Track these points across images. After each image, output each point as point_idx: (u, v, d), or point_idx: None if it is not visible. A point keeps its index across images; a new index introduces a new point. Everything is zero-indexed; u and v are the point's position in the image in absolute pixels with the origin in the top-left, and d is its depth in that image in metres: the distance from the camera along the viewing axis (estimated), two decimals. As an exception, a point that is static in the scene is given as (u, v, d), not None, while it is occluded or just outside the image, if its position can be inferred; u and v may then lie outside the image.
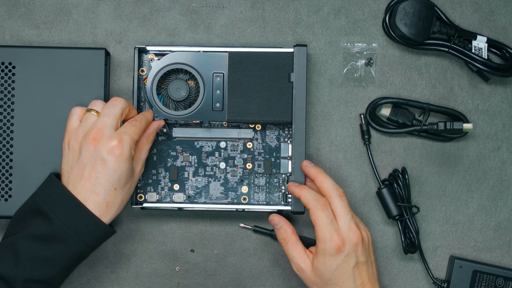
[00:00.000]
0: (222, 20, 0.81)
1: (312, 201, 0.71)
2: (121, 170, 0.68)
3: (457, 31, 0.79)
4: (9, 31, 0.80)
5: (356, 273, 0.70)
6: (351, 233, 0.70)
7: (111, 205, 0.69)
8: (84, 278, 0.80)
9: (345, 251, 0.70)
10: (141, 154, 0.73)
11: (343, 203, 0.71)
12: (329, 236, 0.70)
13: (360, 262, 0.71)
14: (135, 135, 0.70)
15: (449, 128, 0.76)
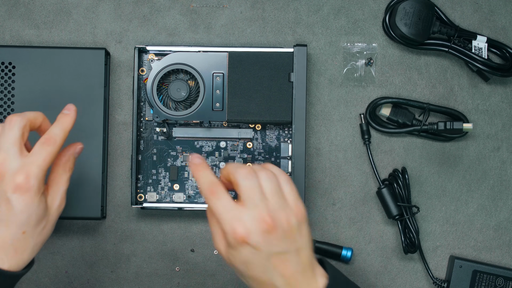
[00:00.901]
0: (222, 20, 0.81)
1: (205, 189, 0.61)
2: (30, 211, 0.59)
3: (457, 31, 0.79)
4: (9, 31, 0.80)
5: (274, 263, 0.59)
6: (258, 223, 0.59)
7: (21, 250, 0.60)
8: (84, 278, 0.80)
9: (252, 244, 0.58)
10: (58, 187, 0.63)
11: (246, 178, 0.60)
12: (229, 227, 0.59)
13: (276, 253, 0.59)
14: (46, 163, 0.60)
15: (449, 128, 0.76)
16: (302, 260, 0.61)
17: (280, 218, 0.60)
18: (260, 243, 0.59)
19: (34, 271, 0.80)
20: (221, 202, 0.60)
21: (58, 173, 0.64)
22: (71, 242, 0.80)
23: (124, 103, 0.80)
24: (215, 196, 0.60)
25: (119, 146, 0.80)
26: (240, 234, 0.58)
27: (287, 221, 0.60)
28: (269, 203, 0.60)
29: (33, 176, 0.59)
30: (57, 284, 0.80)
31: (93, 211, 0.76)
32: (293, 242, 0.60)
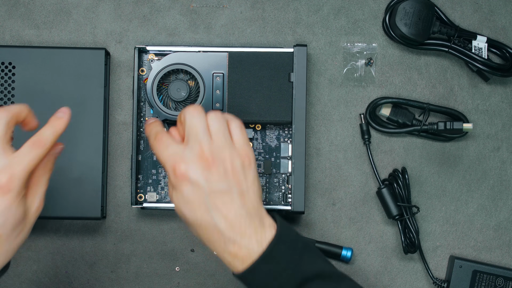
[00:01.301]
0: (222, 20, 0.81)
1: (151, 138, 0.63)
2: (8, 214, 0.56)
3: (457, 31, 0.79)
4: (9, 31, 0.80)
5: (215, 203, 0.59)
6: (197, 159, 0.59)
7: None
8: (84, 278, 0.80)
9: (191, 179, 0.58)
10: (38, 188, 0.60)
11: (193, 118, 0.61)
12: (169, 165, 0.59)
13: (218, 190, 0.59)
14: (32, 165, 0.58)
15: (449, 128, 0.76)
16: (246, 205, 0.60)
17: (223, 157, 0.59)
18: (200, 179, 0.58)
19: (34, 271, 0.80)
20: (163, 144, 0.61)
21: (38, 175, 0.60)
22: (71, 242, 0.80)
23: (124, 103, 0.80)
24: (158, 141, 0.62)
25: (119, 146, 0.80)
26: (180, 170, 0.59)
27: (230, 160, 0.60)
28: (212, 142, 0.60)
29: (17, 178, 0.56)
30: (57, 284, 0.80)
31: (93, 211, 0.76)
32: (236, 184, 0.60)
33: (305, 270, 0.60)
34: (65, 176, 0.75)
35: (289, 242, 0.61)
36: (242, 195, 0.60)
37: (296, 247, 0.61)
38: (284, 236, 0.61)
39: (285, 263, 0.60)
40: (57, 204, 0.76)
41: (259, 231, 0.60)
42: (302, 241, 0.62)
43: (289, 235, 0.61)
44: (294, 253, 0.60)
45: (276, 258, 0.60)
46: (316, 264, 0.62)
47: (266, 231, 0.60)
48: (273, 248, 0.60)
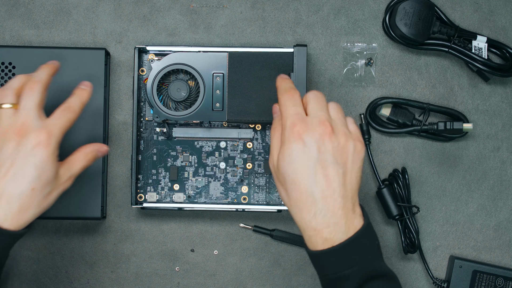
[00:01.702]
0: (222, 20, 0.81)
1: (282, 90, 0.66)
2: (44, 168, 0.62)
3: (457, 31, 0.79)
4: (9, 31, 0.80)
5: (319, 172, 0.60)
6: (318, 125, 0.61)
7: (26, 207, 0.62)
8: (84, 278, 0.80)
9: (306, 141, 0.61)
10: (72, 166, 0.67)
11: (318, 98, 0.64)
12: (290, 121, 0.62)
13: (326, 161, 0.60)
14: (66, 127, 0.65)
15: (449, 128, 0.76)
16: (346, 186, 0.61)
17: (340, 132, 0.62)
18: (314, 144, 0.60)
19: (34, 271, 0.80)
20: (293, 100, 0.63)
21: (77, 157, 0.67)
22: (71, 242, 0.80)
23: (124, 103, 0.80)
24: (290, 96, 0.64)
25: (119, 146, 0.80)
26: (298, 129, 0.61)
27: (345, 139, 0.62)
28: (332, 120, 0.63)
29: (54, 136, 0.63)
30: (57, 284, 0.80)
31: (93, 211, 0.76)
32: (343, 162, 0.61)
33: (377, 267, 0.62)
34: (65, 176, 0.75)
35: (371, 237, 0.63)
36: (345, 175, 0.61)
37: (374, 243, 0.63)
38: (369, 230, 0.62)
39: (363, 255, 0.61)
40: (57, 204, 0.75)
41: (350, 216, 0.61)
42: (378, 240, 0.64)
43: (372, 231, 0.63)
44: (372, 249, 0.62)
45: (357, 248, 0.61)
46: (384, 264, 0.64)
47: (356, 219, 0.61)
48: (358, 239, 0.60)
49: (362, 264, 0.61)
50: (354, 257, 0.60)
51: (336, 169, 0.61)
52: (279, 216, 0.80)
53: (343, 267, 0.60)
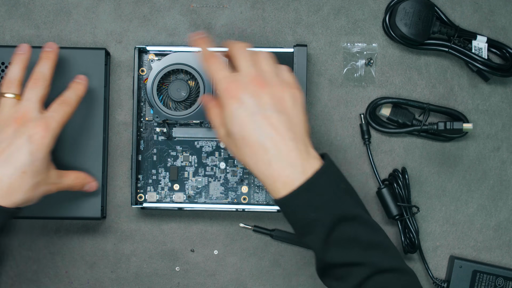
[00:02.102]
0: (222, 20, 0.81)
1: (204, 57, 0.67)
2: (38, 156, 0.65)
3: (457, 31, 0.79)
4: (9, 31, 0.80)
5: (263, 122, 0.61)
6: (250, 82, 0.63)
7: (14, 190, 0.64)
8: (84, 278, 0.80)
9: (242, 99, 0.62)
10: (63, 177, 0.71)
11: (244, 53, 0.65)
12: (222, 86, 0.63)
13: (266, 111, 0.62)
14: (63, 120, 0.68)
15: (449, 128, 0.76)
16: (293, 131, 0.62)
17: (273, 83, 0.63)
18: (250, 99, 0.62)
19: (34, 271, 0.80)
20: (219, 65, 0.65)
21: (69, 174, 0.72)
22: (71, 242, 0.80)
23: (124, 103, 0.80)
24: (213, 61, 0.65)
25: (119, 146, 0.80)
26: (232, 90, 0.62)
27: (280, 88, 0.63)
28: (263, 73, 0.64)
29: (52, 129, 0.66)
30: (57, 284, 0.80)
31: (93, 211, 0.76)
32: (284, 110, 0.62)
33: (345, 209, 0.62)
34: (65, 176, 0.75)
35: (334, 178, 0.63)
36: (290, 121, 0.62)
37: (339, 185, 0.63)
38: (330, 171, 0.63)
39: (327, 196, 0.61)
40: (57, 204, 0.76)
41: (304, 157, 0.62)
42: (345, 183, 0.64)
43: (335, 173, 0.63)
44: (337, 190, 0.62)
45: (319, 189, 0.61)
46: (356, 207, 0.63)
47: (312, 161, 0.62)
48: (318, 179, 0.61)
49: (328, 206, 0.61)
50: (318, 199, 0.61)
51: (278, 117, 0.62)
52: (279, 216, 0.80)
53: (309, 210, 0.61)
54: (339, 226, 0.61)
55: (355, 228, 0.61)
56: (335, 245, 0.61)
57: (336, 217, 0.61)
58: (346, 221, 0.61)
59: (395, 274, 0.62)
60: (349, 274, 0.61)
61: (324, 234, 0.61)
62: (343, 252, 0.61)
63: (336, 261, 0.62)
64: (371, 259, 0.61)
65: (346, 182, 0.64)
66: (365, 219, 0.63)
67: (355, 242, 0.61)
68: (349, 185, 0.64)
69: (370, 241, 0.62)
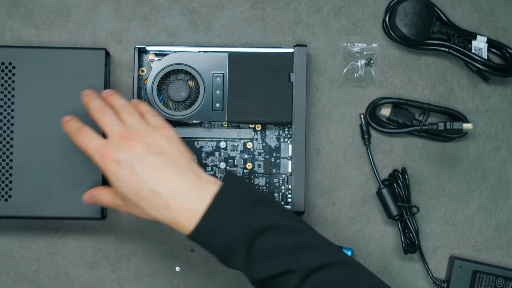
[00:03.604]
0: (222, 20, 0.81)
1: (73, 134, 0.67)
2: None
3: (457, 31, 0.79)
4: (9, 31, 0.80)
5: (146, 171, 0.62)
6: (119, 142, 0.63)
7: None
8: (84, 278, 0.80)
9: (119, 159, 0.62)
10: None
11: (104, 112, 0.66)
12: (97, 156, 0.64)
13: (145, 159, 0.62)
14: None
15: (449, 128, 0.76)
16: (176, 164, 0.62)
17: (141, 132, 0.64)
18: (126, 156, 0.62)
19: (34, 271, 0.80)
20: (88, 137, 0.65)
21: None
22: (71, 242, 0.80)
23: (124, 103, 0.80)
24: (81, 135, 0.66)
25: (119, 146, 0.80)
26: (107, 157, 0.62)
27: (149, 134, 0.64)
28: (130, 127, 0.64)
29: None
30: (57, 284, 0.80)
31: (93, 211, 0.76)
32: (161, 151, 0.63)
33: (256, 223, 0.61)
34: (65, 176, 0.75)
35: (236, 195, 0.62)
36: (170, 159, 0.63)
37: (244, 200, 0.61)
38: (230, 190, 0.62)
39: (233, 216, 0.61)
40: (57, 204, 0.76)
41: (198, 185, 0.62)
42: (254, 195, 0.62)
43: (236, 189, 0.62)
44: (242, 206, 0.61)
45: (222, 212, 0.60)
46: (269, 216, 0.61)
47: (207, 186, 0.62)
48: (218, 202, 0.61)
49: (237, 226, 0.60)
50: (225, 221, 0.60)
51: (157, 159, 0.62)
52: (279, 216, 0.80)
53: (220, 235, 0.60)
54: (255, 242, 0.60)
55: (272, 238, 0.61)
56: (258, 261, 0.60)
57: (250, 234, 0.60)
58: (261, 234, 0.60)
59: (329, 269, 0.60)
60: (283, 284, 0.60)
61: (243, 254, 0.60)
62: (268, 265, 0.60)
63: (265, 276, 0.61)
64: (298, 263, 0.60)
65: (254, 193, 0.63)
66: (281, 225, 0.61)
67: (277, 252, 0.60)
68: (260, 195, 0.63)
69: (294, 245, 0.61)
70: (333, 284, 0.60)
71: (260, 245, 0.60)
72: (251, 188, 0.63)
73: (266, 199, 0.63)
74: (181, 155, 0.63)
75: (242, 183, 0.63)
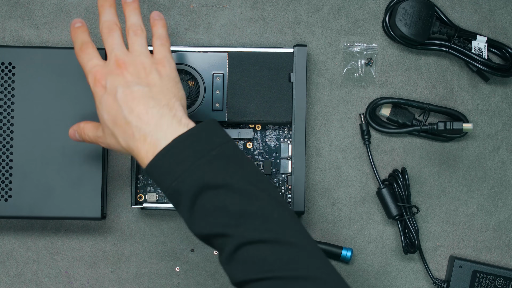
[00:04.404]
0: (222, 20, 0.81)
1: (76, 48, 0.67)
2: None
3: (457, 31, 0.79)
4: (9, 31, 0.80)
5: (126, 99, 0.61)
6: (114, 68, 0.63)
7: None
8: (84, 278, 0.80)
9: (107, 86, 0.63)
10: None
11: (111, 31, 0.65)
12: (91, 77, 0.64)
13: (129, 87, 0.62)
14: None
15: (449, 128, 0.76)
16: (158, 98, 0.62)
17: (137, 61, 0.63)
18: (114, 84, 0.62)
19: (34, 271, 0.80)
20: (88, 55, 0.65)
21: None
22: (71, 242, 0.80)
23: (124, 103, 0.80)
24: (84, 51, 0.65)
25: (119, 146, 0.80)
26: (99, 80, 0.63)
27: (144, 65, 0.63)
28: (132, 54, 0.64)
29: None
30: (57, 284, 0.80)
31: (93, 211, 0.76)
32: (149, 82, 0.62)
33: (208, 178, 0.58)
34: (65, 176, 0.75)
35: (201, 144, 0.59)
36: (154, 91, 0.62)
37: (208, 151, 0.59)
38: (197, 136, 0.59)
39: (187, 163, 0.58)
40: (57, 204, 0.76)
41: (169, 123, 0.60)
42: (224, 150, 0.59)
43: (206, 138, 0.60)
44: (202, 157, 0.58)
45: (177, 156, 0.58)
46: (228, 175, 0.58)
47: (178, 128, 0.60)
48: (177, 145, 0.59)
49: (188, 174, 0.58)
50: (177, 167, 0.58)
51: (141, 89, 0.62)
52: (279, 216, 0.80)
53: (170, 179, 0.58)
54: (201, 196, 0.57)
55: (220, 197, 0.57)
56: (199, 217, 0.58)
57: (197, 187, 0.57)
58: (210, 190, 0.57)
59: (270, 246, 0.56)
60: (220, 246, 0.58)
61: (188, 205, 0.58)
62: (207, 223, 0.58)
63: (202, 233, 0.58)
64: (238, 229, 0.57)
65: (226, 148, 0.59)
66: (236, 188, 0.57)
67: (221, 212, 0.57)
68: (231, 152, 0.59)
69: (240, 211, 0.57)
70: (269, 262, 0.56)
71: (205, 201, 0.57)
72: (225, 143, 0.60)
73: (237, 157, 0.60)
74: (165, 91, 0.63)
75: (217, 134, 0.60)
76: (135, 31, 0.66)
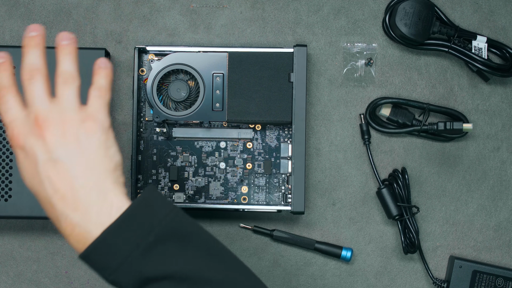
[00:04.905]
0: (222, 20, 0.81)
1: None
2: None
3: (457, 31, 0.79)
4: (9, 31, 0.80)
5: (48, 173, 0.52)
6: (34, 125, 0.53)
7: None
8: (84, 278, 0.80)
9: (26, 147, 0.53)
10: None
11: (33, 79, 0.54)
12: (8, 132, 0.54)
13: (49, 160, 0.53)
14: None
15: (449, 128, 0.76)
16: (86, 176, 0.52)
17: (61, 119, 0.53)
18: (33, 148, 0.53)
19: (34, 271, 0.80)
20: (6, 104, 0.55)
21: None
22: (71, 242, 0.80)
23: (124, 103, 0.80)
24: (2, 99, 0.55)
25: (119, 146, 0.80)
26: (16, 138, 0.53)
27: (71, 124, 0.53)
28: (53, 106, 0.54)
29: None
30: (57, 284, 0.80)
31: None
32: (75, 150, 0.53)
33: (149, 271, 0.51)
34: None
35: (136, 229, 0.52)
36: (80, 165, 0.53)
37: (145, 236, 0.51)
38: (131, 221, 0.52)
39: (122, 256, 0.51)
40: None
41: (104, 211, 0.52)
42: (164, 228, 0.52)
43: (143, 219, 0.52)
44: (136, 246, 0.51)
45: (109, 248, 0.51)
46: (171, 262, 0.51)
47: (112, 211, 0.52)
48: (107, 236, 0.51)
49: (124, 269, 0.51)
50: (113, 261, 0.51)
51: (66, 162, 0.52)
52: (279, 216, 0.81)
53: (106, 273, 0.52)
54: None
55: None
56: None
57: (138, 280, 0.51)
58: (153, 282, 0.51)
59: None
60: None
61: None
62: None
63: None
64: None
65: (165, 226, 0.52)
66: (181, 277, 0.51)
67: None
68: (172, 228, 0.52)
69: None
70: None
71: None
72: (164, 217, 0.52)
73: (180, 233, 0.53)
74: (96, 160, 0.53)
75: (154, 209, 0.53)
76: (66, 79, 0.55)
